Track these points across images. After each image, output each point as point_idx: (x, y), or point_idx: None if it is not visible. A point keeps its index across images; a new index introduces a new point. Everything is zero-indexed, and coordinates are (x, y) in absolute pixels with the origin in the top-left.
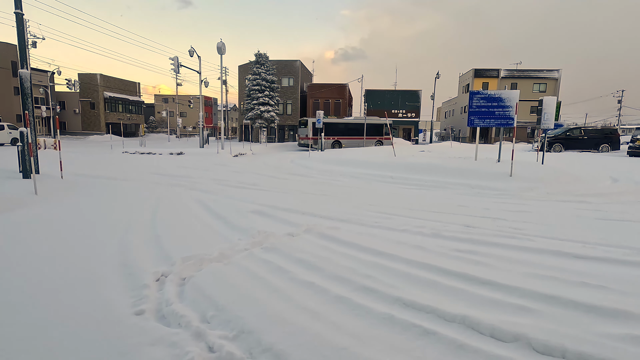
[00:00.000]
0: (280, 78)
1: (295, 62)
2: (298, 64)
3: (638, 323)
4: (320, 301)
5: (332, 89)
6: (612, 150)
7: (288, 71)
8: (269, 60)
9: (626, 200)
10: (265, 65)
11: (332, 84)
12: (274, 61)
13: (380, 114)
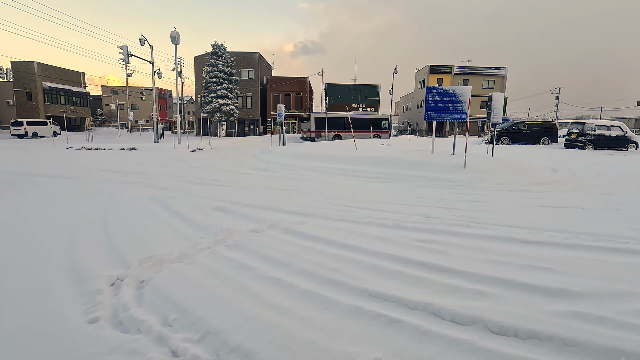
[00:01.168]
0: (239, 70)
1: (255, 54)
2: (257, 57)
3: (579, 300)
4: (287, 297)
5: (293, 82)
6: (551, 143)
7: (247, 64)
8: (227, 52)
9: (564, 189)
10: (223, 57)
11: (293, 77)
12: (233, 53)
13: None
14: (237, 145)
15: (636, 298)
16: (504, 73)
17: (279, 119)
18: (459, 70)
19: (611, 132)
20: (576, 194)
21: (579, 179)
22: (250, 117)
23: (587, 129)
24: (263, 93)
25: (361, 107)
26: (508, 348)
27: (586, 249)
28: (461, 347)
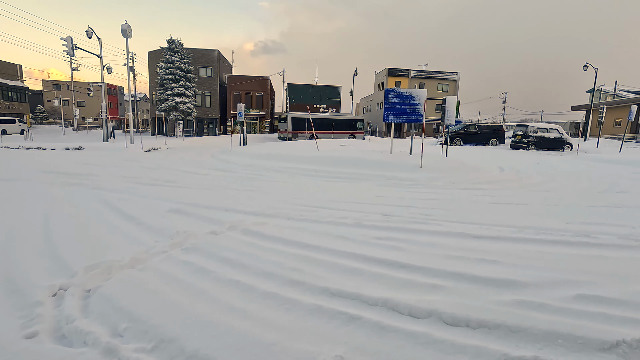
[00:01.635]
0: (197, 68)
1: (214, 51)
2: (216, 54)
3: (523, 290)
4: (247, 299)
5: (254, 81)
6: (499, 144)
7: (206, 61)
8: (184, 48)
9: (510, 186)
10: (180, 54)
11: (254, 76)
12: (190, 49)
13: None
14: (196, 145)
15: (571, 285)
16: (456, 78)
17: (239, 119)
18: (415, 74)
19: (550, 134)
20: (520, 191)
21: (522, 178)
22: (210, 116)
23: (529, 132)
24: (223, 92)
25: (322, 107)
26: (461, 338)
27: (529, 241)
28: (418, 339)
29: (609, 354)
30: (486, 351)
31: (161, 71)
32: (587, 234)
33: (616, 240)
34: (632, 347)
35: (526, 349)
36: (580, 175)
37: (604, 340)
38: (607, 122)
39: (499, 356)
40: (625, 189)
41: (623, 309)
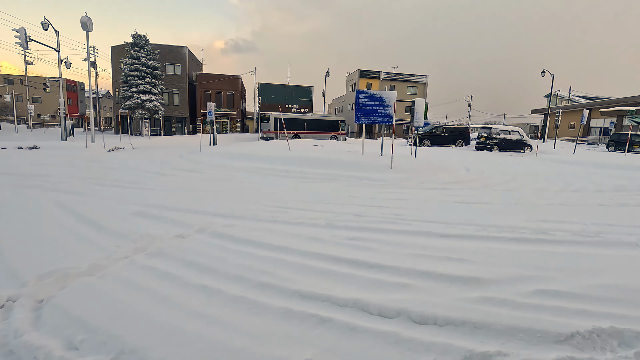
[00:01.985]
0: (164, 65)
1: (182, 48)
2: (185, 51)
3: (487, 286)
4: (215, 304)
5: (224, 80)
6: (465, 145)
7: (174, 58)
8: (150, 44)
9: (475, 186)
10: (146, 49)
11: (225, 75)
12: (157, 45)
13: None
14: (163, 145)
15: (531, 281)
16: (425, 81)
17: (209, 118)
18: (386, 76)
19: (512, 136)
20: (484, 191)
21: (486, 178)
22: (178, 115)
23: (493, 134)
24: (192, 90)
25: (295, 107)
26: (428, 336)
27: (493, 239)
28: (387, 339)
29: (564, 345)
30: (452, 348)
31: (125, 67)
32: (544, 231)
33: (570, 237)
34: (585, 338)
35: (490, 344)
36: (539, 175)
37: (560, 332)
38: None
39: (464, 352)
40: (578, 188)
41: (577, 302)
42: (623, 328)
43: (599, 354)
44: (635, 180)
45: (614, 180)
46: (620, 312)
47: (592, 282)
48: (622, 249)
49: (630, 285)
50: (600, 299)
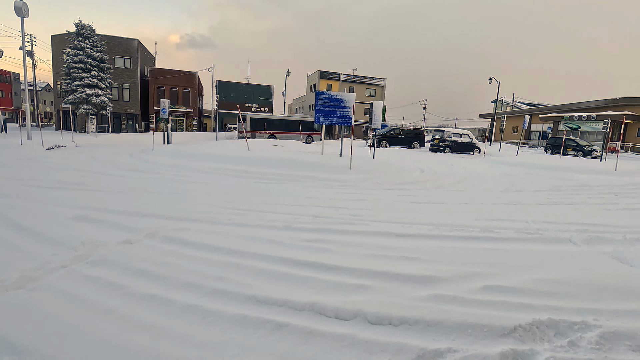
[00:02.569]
0: (113, 57)
1: (133, 41)
2: (136, 44)
3: (440, 284)
4: (165, 315)
5: (180, 76)
6: (420, 147)
7: (124, 50)
8: (97, 35)
9: (429, 187)
10: (92, 40)
11: (180, 70)
12: (104, 36)
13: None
14: (111, 143)
15: (479, 277)
16: (383, 84)
17: (162, 115)
18: (346, 78)
19: (462, 139)
20: (437, 191)
21: (439, 178)
22: (129, 112)
23: (445, 136)
24: (144, 85)
25: (255, 106)
26: (384, 336)
27: (445, 238)
28: (344, 342)
29: (507, 338)
30: (406, 347)
31: (68, 58)
32: (491, 229)
33: (514, 234)
34: (526, 330)
35: (441, 341)
36: (486, 176)
37: (504, 326)
38: (507, 129)
39: (417, 351)
40: (521, 188)
41: (519, 296)
42: (559, 319)
43: (538, 345)
44: (568, 181)
45: (550, 181)
46: (556, 304)
47: (532, 277)
48: (558, 245)
49: (564, 278)
50: (540, 293)
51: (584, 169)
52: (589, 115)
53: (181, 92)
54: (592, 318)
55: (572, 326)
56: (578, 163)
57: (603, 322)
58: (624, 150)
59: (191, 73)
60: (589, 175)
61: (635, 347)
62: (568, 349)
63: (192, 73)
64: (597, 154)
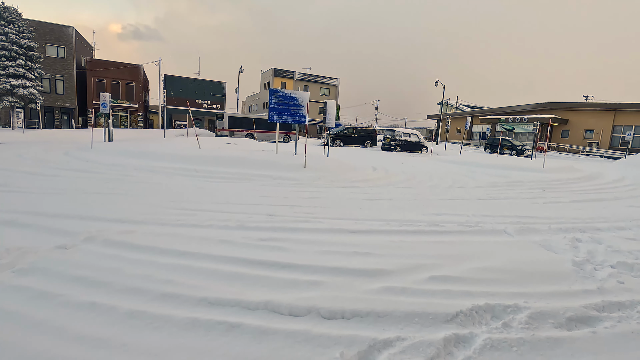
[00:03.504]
0: (43, 45)
1: (68, 28)
2: (71, 32)
3: (389, 277)
4: (105, 323)
5: (123, 68)
6: (372, 146)
7: (56, 38)
8: (24, 19)
9: (380, 184)
10: (17, 25)
11: (123, 63)
12: (33, 22)
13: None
14: (43, 140)
15: (425, 269)
16: (337, 83)
17: (103, 110)
18: (300, 77)
19: (411, 138)
20: (388, 188)
21: (390, 176)
22: (63, 106)
23: (396, 136)
24: (81, 77)
25: (206, 103)
26: (336, 330)
27: (394, 233)
28: (297, 338)
29: (450, 324)
30: (358, 338)
31: None
32: (437, 223)
33: (457, 227)
34: (466, 315)
35: (391, 331)
36: (433, 173)
37: (448, 313)
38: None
39: (369, 341)
40: (463, 185)
41: (460, 285)
42: (495, 304)
43: (477, 328)
44: (504, 178)
45: (489, 178)
46: (492, 290)
47: (472, 266)
48: (494, 236)
49: (500, 266)
50: (478, 280)
51: (517, 166)
52: (522, 117)
53: (124, 86)
54: (522, 301)
55: (506, 309)
56: (512, 161)
57: (531, 304)
58: (550, 149)
59: (136, 66)
60: (521, 173)
61: (557, 324)
62: (502, 330)
63: (136, 66)
64: (528, 153)
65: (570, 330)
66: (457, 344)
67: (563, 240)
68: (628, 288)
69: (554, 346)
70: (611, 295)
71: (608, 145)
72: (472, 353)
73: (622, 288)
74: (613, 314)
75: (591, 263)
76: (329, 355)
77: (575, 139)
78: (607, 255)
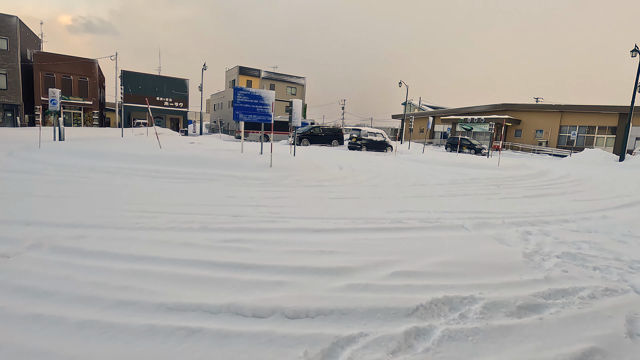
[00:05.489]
0: None
1: (11, 17)
2: (15, 22)
3: (353, 274)
4: (53, 335)
5: (75, 63)
6: (339, 145)
7: None
8: None
9: (347, 183)
10: None
11: (76, 57)
12: None
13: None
14: None
15: (388, 265)
16: (303, 82)
17: (52, 107)
18: (266, 75)
19: (377, 137)
20: (354, 187)
21: (356, 175)
22: (6, 102)
23: (362, 135)
24: (27, 72)
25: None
26: (300, 329)
27: (359, 231)
28: (261, 339)
29: (411, 317)
30: (322, 337)
31: None
32: (400, 220)
33: (418, 224)
34: (426, 309)
35: (354, 327)
36: (397, 172)
37: (408, 307)
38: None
39: (332, 339)
40: (425, 183)
41: (421, 279)
42: (452, 296)
43: (436, 320)
44: (463, 175)
45: (449, 175)
46: (450, 283)
47: (432, 261)
48: (453, 231)
49: (457, 260)
50: (438, 274)
51: (475, 164)
52: (479, 118)
53: (77, 82)
54: (477, 292)
55: (463, 301)
56: (470, 159)
57: (486, 295)
58: (505, 148)
59: (89, 60)
60: (478, 170)
61: (509, 312)
62: (459, 320)
63: (90, 60)
64: (485, 151)
65: (520, 317)
66: (417, 337)
67: (515, 234)
68: (571, 276)
69: (505, 334)
70: (556, 283)
71: (556, 143)
72: (431, 344)
73: (566, 276)
74: (558, 301)
75: (539, 254)
76: (293, 354)
77: (527, 138)
78: (554, 246)
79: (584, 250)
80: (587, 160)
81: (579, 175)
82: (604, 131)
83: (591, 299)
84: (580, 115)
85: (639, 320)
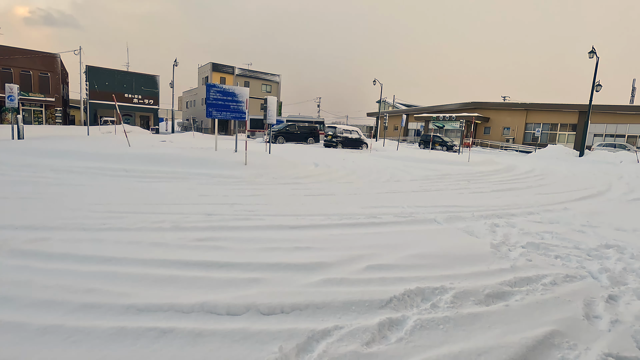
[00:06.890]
0: None
1: None
2: None
3: (329, 269)
4: (13, 342)
5: (35, 57)
6: (315, 142)
7: None
8: None
9: (322, 180)
10: None
11: (35, 51)
12: None
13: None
14: None
15: (363, 259)
16: (278, 80)
17: (9, 104)
18: (240, 72)
19: (352, 135)
20: (330, 184)
21: (332, 172)
22: None
23: (337, 133)
24: None
25: (137, 97)
26: (275, 325)
27: (335, 226)
28: (235, 337)
29: (385, 309)
30: (297, 331)
31: None
32: (374, 215)
33: (393, 219)
34: (399, 300)
35: (329, 321)
36: (372, 168)
37: (382, 299)
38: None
39: (307, 333)
40: (399, 179)
41: (394, 272)
42: (424, 287)
43: (408, 311)
44: (435, 171)
45: (422, 171)
46: (423, 275)
47: (405, 254)
48: (426, 225)
49: (430, 252)
50: (410, 266)
51: (447, 160)
52: (450, 116)
53: (37, 77)
54: (448, 282)
55: (434, 291)
56: (442, 156)
57: (456, 285)
58: (474, 145)
59: (51, 55)
60: (450, 166)
61: (477, 301)
62: (430, 310)
63: (52, 55)
64: (456, 148)
65: (488, 305)
66: (391, 327)
67: (484, 226)
68: (534, 265)
69: (474, 321)
70: (521, 272)
71: (522, 140)
72: (404, 334)
73: (530, 265)
74: (522, 288)
75: (506, 245)
76: (268, 350)
77: (495, 135)
78: (519, 237)
79: (547, 240)
80: (550, 155)
81: (542, 170)
82: (565, 128)
83: (553, 286)
84: (544, 113)
85: (595, 303)
